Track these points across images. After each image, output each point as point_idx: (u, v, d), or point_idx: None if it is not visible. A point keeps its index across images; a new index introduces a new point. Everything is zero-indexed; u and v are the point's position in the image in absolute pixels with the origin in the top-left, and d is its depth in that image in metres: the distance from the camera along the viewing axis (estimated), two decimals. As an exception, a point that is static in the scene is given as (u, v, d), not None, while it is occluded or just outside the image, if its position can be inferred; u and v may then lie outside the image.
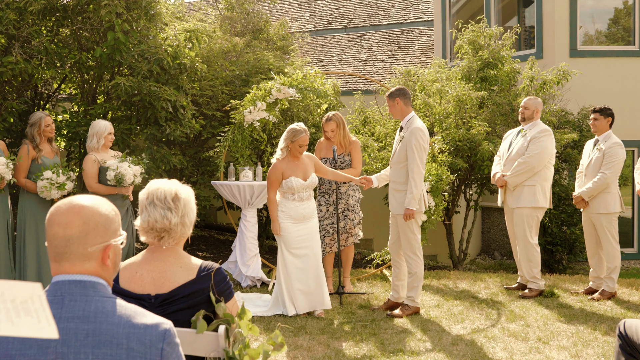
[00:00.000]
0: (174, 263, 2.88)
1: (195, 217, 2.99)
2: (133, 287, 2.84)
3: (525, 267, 6.97)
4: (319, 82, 7.73)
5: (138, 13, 7.85)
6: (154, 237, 2.88)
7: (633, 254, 11.33)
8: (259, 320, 6.14)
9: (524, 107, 7.04)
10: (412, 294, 6.26)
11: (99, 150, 6.69)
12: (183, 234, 2.93)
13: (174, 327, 2.60)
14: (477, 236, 12.35)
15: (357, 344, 5.41)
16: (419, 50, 14.72)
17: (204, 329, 2.76)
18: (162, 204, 2.87)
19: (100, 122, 6.74)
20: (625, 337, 3.69)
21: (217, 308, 2.84)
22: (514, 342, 5.43)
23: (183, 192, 2.93)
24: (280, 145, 6.23)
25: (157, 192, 2.90)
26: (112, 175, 6.44)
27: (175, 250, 2.92)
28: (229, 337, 2.79)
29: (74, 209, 2.08)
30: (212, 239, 11.12)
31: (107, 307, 2.01)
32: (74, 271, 2.05)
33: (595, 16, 11.82)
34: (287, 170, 6.15)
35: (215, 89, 9.11)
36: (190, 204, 2.95)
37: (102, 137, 6.66)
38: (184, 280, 2.84)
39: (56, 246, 2.06)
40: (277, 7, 17.28)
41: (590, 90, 10.72)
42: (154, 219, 2.86)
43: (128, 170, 6.46)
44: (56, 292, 2.01)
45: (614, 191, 6.84)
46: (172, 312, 2.81)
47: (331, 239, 7.15)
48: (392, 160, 6.27)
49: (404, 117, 6.21)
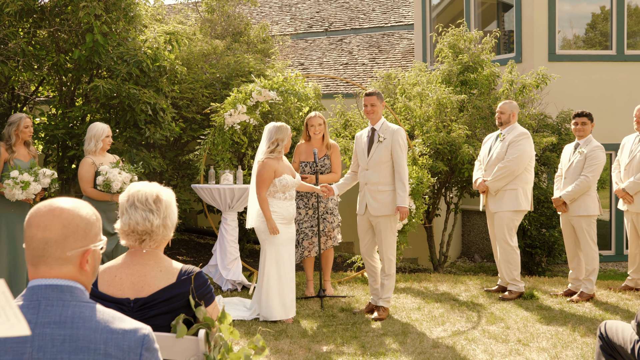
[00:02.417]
0: (154, 267, 2.85)
1: (176, 219, 2.96)
2: (112, 291, 2.81)
3: (505, 270, 7.00)
4: (299, 85, 7.72)
5: (117, 15, 7.78)
6: (135, 240, 2.85)
7: (610, 256, 11.45)
8: (239, 324, 6.10)
9: (499, 112, 7.09)
10: (389, 295, 6.33)
11: (96, 154, 6.52)
12: (165, 237, 2.90)
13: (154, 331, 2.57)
14: (458, 239, 12.41)
15: (339, 347, 5.40)
16: (399, 54, 14.77)
17: (184, 333, 2.73)
18: (144, 206, 2.84)
19: (97, 125, 6.56)
20: (605, 338, 3.72)
21: (197, 312, 2.82)
22: (494, 344, 5.45)
23: (164, 194, 2.90)
24: (266, 145, 6.17)
25: (138, 194, 2.87)
26: (100, 180, 6.29)
27: (156, 253, 2.89)
28: (209, 341, 2.77)
29: (54, 211, 2.05)
30: (193, 243, 11.06)
31: (85, 312, 1.98)
32: (51, 275, 2.02)
33: (574, 21, 11.95)
34: (279, 168, 6.11)
35: (195, 92, 9.06)
36: (171, 205, 2.92)
37: (99, 139, 6.48)
38: (164, 284, 2.81)
39: (34, 249, 2.03)
40: (257, 10, 17.26)
41: (568, 94, 10.82)
42: (135, 222, 2.82)
43: (117, 176, 6.28)
44: (32, 297, 1.97)
45: (593, 194, 6.91)
46: (151, 317, 2.77)
47: (310, 243, 7.13)
48: (370, 162, 6.20)
49: (379, 119, 6.27)
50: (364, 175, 6.28)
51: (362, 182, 6.32)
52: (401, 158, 6.16)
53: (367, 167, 6.25)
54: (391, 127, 6.25)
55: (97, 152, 6.51)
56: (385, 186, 6.18)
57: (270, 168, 6.06)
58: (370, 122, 6.33)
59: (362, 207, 6.33)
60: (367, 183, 6.24)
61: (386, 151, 6.17)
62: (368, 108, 6.26)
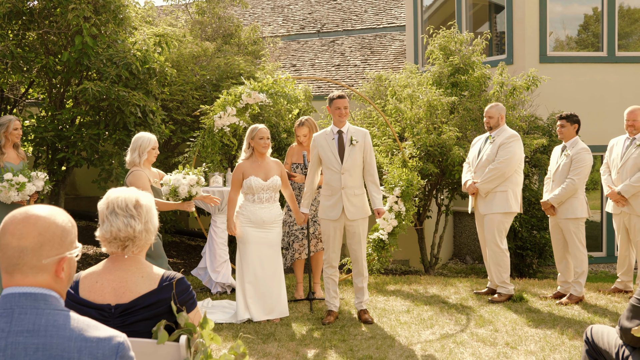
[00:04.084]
0: (136, 272, 2.84)
1: (157, 223, 2.95)
2: (93, 297, 2.79)
3: (494, 272, 7.00)
4: (289, 87, 7.71)
5: (107, 17, 7.77)
6: (117, 246, 2.83)
7: (602, 257, 11.47)
8: (228, 327, 6.09)
9: (487, 116, 7.06)
10: (367, 296, 6.39)
11: (141, 166, 5.93)
12: (147, 241, 2.88)
13: (135, 337, 2.56)
14: (449, 241, 12.42)
15: (326, 350, 5.39)
16: (391, 55, 14.78)
17: (165, 340, 2.72)
18: (124, 212, 2.83)
19: (144, 135, 5.99)
20: (591, 343, 3.72)
21: (178, 318, 2.80)
22: (482, 347, 5.45)
23: (143, 198, 2.89)
24: (244, 147, 6.31)
25: (118, 201, 2.85)
26: (166, 190, 5.97)
27: (137, 259, 2.87)
28: (190, 347, 2.76)
29: (29, 219, 2.03)
30: (184, 245, 11.04)
31: (59, 321, 1.96)
32: (26, 283, 2.00)
33: (565, 22, 11.97)
34: (248, 170, 6.19)
35: (185, 94, 9.05)
36: (152, 209, 2.91)
37: (145, 151, 5.89)
38: (145, 290, 2.80)
39: (9, 257, 2.01)
40: (250, 11, 17.25)
41: (559, 95, 10.84)
42: (117, 228, 2.81)
43: (182, 181, 5.95)
44: (5, 305, 1.96)
45: (581, 197, 6.91)
46: (132, 323, 2.76)
47: (300, 245, 7.13)
48: (346, 166, 6.08)
49: (346, 122, 6.27)
50: (339, 179, 6.10)
51: (337, 187, 6.10)
52: (374, 160, 6.23)
53: (342, 171, 6.08)
54: (360, 130, 6.23)
55: (141, 164, 5.92)
56: (359, 189, 6.18)
57: (239, 170, 6.21)
58: (336, 125, 6.18)
59: (336, 211, 6.13)
60: (345, 187, 6.09)
61: (359, 154, 6.13)
62: (342, 111, 6.15)
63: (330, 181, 6.15)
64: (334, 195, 6.14)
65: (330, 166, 6.14)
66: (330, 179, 6.15)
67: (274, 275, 6.27)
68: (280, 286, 6.31)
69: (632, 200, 6.91)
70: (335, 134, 6.17)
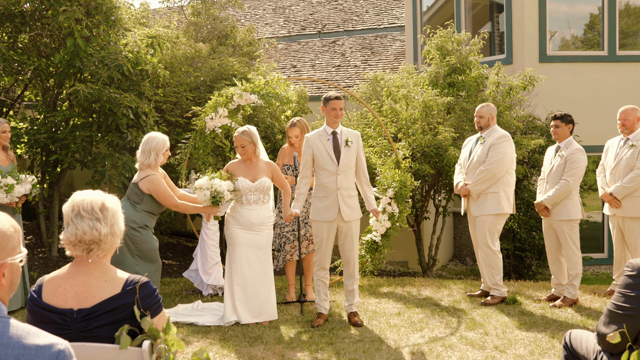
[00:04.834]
0: (99, 277, 2.80)
1: (123, 227, 2.91)
2: (55, 302, 2.75)
3: (487, 274, 6.93)
4: (281, 88, 7.66)
5: (99, 19, 7.75)
6: (82, 250, 2.80)
7: (603, 259, 11.35)
8: (215, 330, 6.04)
9: (478, 116, 7.00)
10: (358, 299, 6.34)
11: (154, 168, 5.82)
12: (113, 245, 2.85)
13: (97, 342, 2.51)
14: (449, 242, 12.34)
15: (313, 353, 5.34)
16: (392, 56, 14.71)
17: (128, 345, 2.68)
18: (90, 215, 2.79)
19: (158, 136, 5.84)
20: (570, 348, 3.64)
21: (142, 323, 2.76)
22: (470, 350, 5.37)
23: (109, 201, 2.86)
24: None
25: (83, 203, 2.81)
26: (207, 195, 5.90)
27: (102, 263, 2.84)
28: (153, 353, 2.72)
29: None
30: (180, 246, 11.02)
31: (-3, 328, 1.92)
32: (-34, 290, 1.97)
33: (565, 22, 11.86)
34: (236, 171, 6.21)
35: (179, 95, 9.02)
36: (118, 213, 2.88)
37: (160, 152, 5.78)
38: (109, 294, 2.76)
39: None
40: (251, 12, 17.24)
41: (558, 95, 10.74)
42: (82, 231, 2.77)
43: (223, 186, 5.92)
44: (-59, 313, 1.92)
45: (575, 198, 6.82)
46: (95, 327, 2.73)
47: (292, 247, 7.09)
48: (341, 168, 6.06)
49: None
50: (334, 180, 6.06)
51: (332, 188, 6.05)
52: (364, 162, 6.25)
53: (338, 172, 6.06)
54: (352, 132, 6.23)
55: (155, 166, 5.81)
56: (353, 190, 6.17)
57: (227, 169, 6.26)
58: (330, 126, 6.15)
59: (331, 213, 6.07)
60: (340, 188, 6.05)
61: (354, 155, 6.13)
62: (337, 112, 6.11)
63: (325, 182, 6.08)
64: (329, 197, 6.07)
65: (326, 167, 6.07)
66: (325, 181, 6.08)
67: (262, 278, 6.22)
68: (269, 289, 6.26)
69: (624, 202, 6.81)
70: (329, 135, 6.13)
